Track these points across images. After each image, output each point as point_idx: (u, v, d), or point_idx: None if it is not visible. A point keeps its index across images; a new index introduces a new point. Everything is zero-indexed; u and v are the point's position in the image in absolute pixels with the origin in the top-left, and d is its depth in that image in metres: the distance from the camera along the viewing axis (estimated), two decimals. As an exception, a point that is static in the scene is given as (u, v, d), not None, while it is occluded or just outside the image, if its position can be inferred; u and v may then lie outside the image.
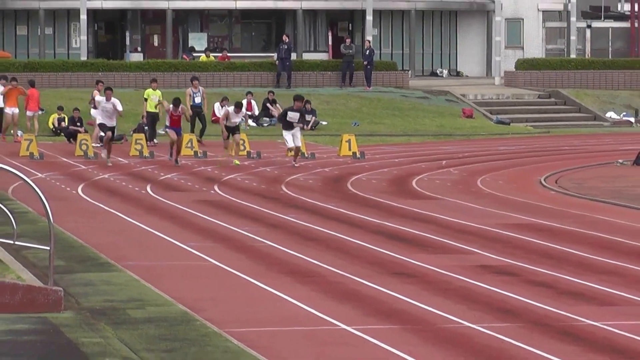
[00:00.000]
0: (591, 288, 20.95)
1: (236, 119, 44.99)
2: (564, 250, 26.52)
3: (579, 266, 24.26)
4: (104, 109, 43.25)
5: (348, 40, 71.24)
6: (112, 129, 43.41)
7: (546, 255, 25.74)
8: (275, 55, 69.88)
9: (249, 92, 58.50)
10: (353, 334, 17.44)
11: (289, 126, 43.08)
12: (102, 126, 43.26)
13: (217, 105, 55.91)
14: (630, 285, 21.75)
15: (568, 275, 22.78)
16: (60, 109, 56.48)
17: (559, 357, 16.06)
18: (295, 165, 43.44)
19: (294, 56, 71.39)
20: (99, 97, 42.48)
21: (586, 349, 16.57)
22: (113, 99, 43.37)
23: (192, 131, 51.23)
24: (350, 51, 69.71)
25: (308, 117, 45.75)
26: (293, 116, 43.08)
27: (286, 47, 68.60)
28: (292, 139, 43.12)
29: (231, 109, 45.32)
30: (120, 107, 43.31)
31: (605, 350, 16.39)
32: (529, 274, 23.11)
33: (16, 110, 53.60)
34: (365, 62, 69.27)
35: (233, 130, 44.69)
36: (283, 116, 44.08)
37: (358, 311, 19.23)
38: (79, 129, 53.07)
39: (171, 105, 43.65)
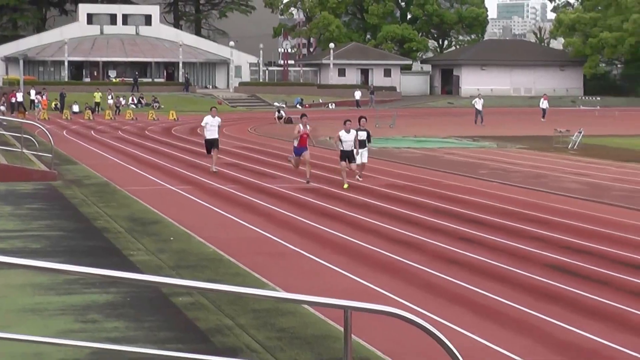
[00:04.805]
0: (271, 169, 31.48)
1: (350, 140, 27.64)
2: (261, 149, 40.30)
3: (265, 153, 37.23)
4: (211, 123, 31.42)
5: (184, 73, 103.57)
6: (214, 140, 31.30)
7: (253, 159, 36.61)
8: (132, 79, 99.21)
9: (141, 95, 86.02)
10: (178, 192, 25.86)
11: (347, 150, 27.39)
12: (207, 141, 31.55)
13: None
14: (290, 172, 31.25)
15: (260, 161, 34.62)
16: (56, 99, 79.57)
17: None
18: (360, 179, 28.48)
19: (149, 80, 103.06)
20: (207, 117, 31.96)
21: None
22: (217, 117, 31.99)
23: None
24: (186, 77, 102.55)
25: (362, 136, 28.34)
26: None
27: (137, 75, 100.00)
28: (359, 158, 27.99)
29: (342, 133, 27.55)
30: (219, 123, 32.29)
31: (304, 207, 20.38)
32: (246, 166, 33.27)
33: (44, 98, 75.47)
34: (185, 82, 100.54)
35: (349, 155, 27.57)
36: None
37: (172, 178, 28.93)
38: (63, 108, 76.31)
39: (300, 125, 27.99)
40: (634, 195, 26.10)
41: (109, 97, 77.91)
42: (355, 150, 27.55)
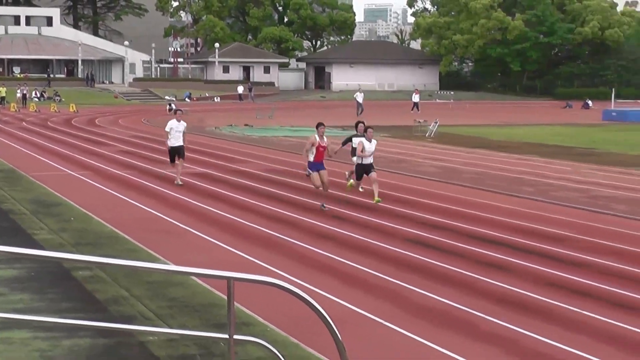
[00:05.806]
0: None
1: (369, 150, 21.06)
2: (154, 138, 35.65)
3: (158, 142, 30.55)
4: (175, 128, 23.81)
5: (88, 72, 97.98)
6: (180, 148, 23.86)
7: (147, 147, 32.52)
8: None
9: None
10: (78, 177, 23.74)
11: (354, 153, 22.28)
12: (171, 149, 24.00)
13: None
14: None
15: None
16: None
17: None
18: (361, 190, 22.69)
19: (51, 76, 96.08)
20: (172, 122, 24.14)
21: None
22: (182, 121, 24.33)
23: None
24: (91, 74, 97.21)
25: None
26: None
27: (50, 71, 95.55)
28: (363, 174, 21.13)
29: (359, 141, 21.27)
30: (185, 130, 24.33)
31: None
32: (141, 154, 30.08)
33: None
34: (87, 79, 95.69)
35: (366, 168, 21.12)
36: (348, 140, 23.00)
37: (72, 164, 27.44)
38: None
39: (315, 135, 20.02)
40: (481, 177, 26.60)
41: (18, 91, 75.59)
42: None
